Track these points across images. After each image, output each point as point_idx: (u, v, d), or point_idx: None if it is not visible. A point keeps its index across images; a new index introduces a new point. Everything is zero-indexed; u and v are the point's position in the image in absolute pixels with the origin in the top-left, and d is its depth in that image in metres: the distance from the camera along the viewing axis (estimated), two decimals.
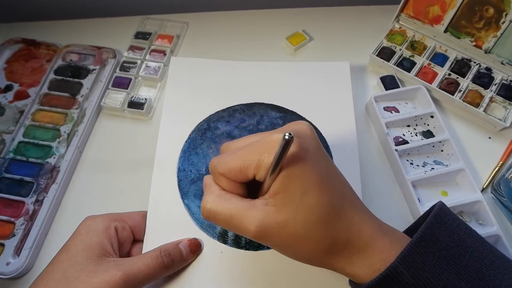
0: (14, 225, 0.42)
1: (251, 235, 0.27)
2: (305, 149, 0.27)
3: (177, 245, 0.36)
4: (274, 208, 0.26)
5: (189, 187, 0.40)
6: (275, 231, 0.26)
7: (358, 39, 0.54)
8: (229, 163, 0.28)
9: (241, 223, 0.27)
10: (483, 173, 0.44)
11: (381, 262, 0.27)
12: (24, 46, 0.55)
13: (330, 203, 0.27)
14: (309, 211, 0.26)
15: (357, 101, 0.48)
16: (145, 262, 0.33)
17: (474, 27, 0.48)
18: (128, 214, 0.37)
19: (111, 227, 0.34)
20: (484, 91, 0.47)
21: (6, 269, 0.39)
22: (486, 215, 0.39)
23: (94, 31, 0.58)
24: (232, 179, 0.28)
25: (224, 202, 0.28)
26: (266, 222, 0.26)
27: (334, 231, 0.27)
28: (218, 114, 0.45)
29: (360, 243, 0.27)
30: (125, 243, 0.36)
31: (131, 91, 0.51)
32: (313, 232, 0.26)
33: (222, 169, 0.28)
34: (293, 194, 0.26)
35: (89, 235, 0.33)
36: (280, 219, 0.26)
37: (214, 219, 0.28)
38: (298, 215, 0.26)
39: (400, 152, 0.43)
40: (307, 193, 0.26)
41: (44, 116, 0.49)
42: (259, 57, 0.53)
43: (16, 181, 0.45)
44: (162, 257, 0.34)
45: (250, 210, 0.27)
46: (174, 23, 0.58)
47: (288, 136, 0.23)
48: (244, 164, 0.27)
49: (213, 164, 0.29)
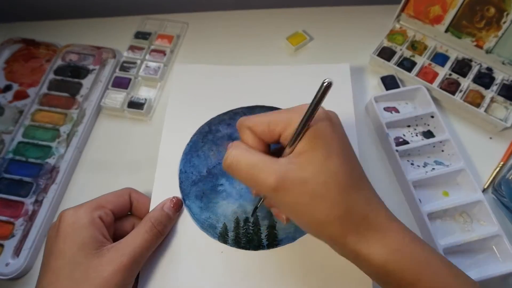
0: (14, 225, 0.42)
1: (270, 187, 0.27)
2: (335, 124, 0.29)
3: (163, 209, 0.37)
4: (297, 165, 0.27)
5: (190, 188, 0.40)
6: (294, 187, 0.27)
7: (359, 39, 0.54)
8: (259, 117, 0.30)
9: (261, 173, 0.27)
10: (484, 173, 0.44)
11: (401, 242, 0.27)
12: (24, 46, 0.55)
13: (350, 173, 0.28)
14: (330, 174, 0.27)
15: (357, 101, 0.48)
16: (143, 238, 0.34)
17: (475, 27, 0.47)
18: (105, 198, 0.36)
19: (95, 218, 0.34)
20: (485, 91, 0.47)
21: (5, 270, 0.39)
22: (487, 215, 0.39)
23: (94, 31, 0.58)
24: (259, 133, 0.29)
25: (248, 153, 0.29)
26: (287, 175, 0.27)
27: (352, 200, 0.27)
28: (220, 117, 0.45)
29: (378, 221, 0.27)
30: (110, 228, 0.36)
31: (131, 91, 0.51)
32: (331, 194, 0.27)
33: (251, 122, 0.29)
34: (317, 156, 0.27)
35: (79, 233, 0.32)
36: (302, 175, 0.27)
37: (235, 167, 0.29)
38: (320, 175, 0.27)
39: (400, 152, 0.43)
40: (331, 157, 0.27)
41: (44, 116, 0.49)
42: (259, 57, 0.53)
43: (15, 181, 0.44)
44: (156, 227, 0.35)
45: (274, 163, 0.27)
46: (174, 23, 0.58)
47: (328, 81, 0.24)
48: (274, 120, 0.29)
49: (241, 120, 0.30)
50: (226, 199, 0.40)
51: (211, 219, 0.39)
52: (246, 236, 0.38)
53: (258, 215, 0.39)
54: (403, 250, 0.27)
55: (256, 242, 0.37)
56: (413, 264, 0.26)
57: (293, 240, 0.37)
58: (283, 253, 0.37)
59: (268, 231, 0.38)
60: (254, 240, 0.38)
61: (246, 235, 0.38)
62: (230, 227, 0.38)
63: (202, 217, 0.39)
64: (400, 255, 0.26)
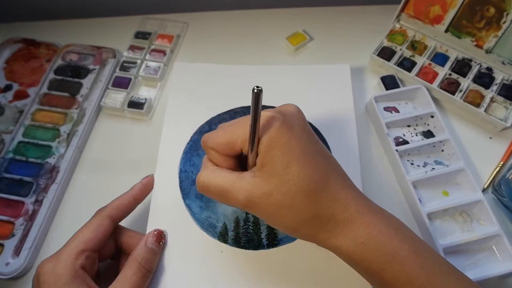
0: (14, 225, 0.42)
1: (241, 204, 0.29)
2: (289, 125, 0.29)
3: (146, 245, 0.35)
4: (260, 179, 0.28)
5: (190, 187, 0.40)
6: (261, 201, 0.28)
7: (359, 39, 0.54)
8: (218, 138, 0.30)
9: (231, 194, 0.29)
10: (484, 173, 0.44)
11: (366, 236, 0.28)
12: (24, 45, 0.55)
13: (312, 177, 0.28)
14: (292, 183, 0.28)
15: (357, 101, 0.48)
16: (133, 282, 0.32)
17: (475, 27, 0.47)
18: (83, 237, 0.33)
19: (77, 270, 0.31)
20: (485, 91, 0.47)
21: (5, 269, 0.39)
22: (487, 215, 0.39)
23: (94, 31, 0.58)
24: (221, 152, 0.30)
25: (215, 176, 0.30)
26: (253, 192, 0.28)
27: (317, 204, 0.28)
28: (220, 117, 0.45)
29: (344, 216, 0.28)
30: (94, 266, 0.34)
31: (131, 91, 0.51)
32: (296, 202, 0.28)
33: (212, 143, 0.30)
34: (276, 166, 0.28)
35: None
36: (265, 189, 0.28)
37: (207, 191, 0.31)
38: (282, 185, 0.28)
39: (400, 152, 0.43)
40: (290, 165, 0.28)
41: (44, 116, 0.49)
42: (259, 57, 0.53)
43: (15, 181, 0.44)
44: (144, 266, 0.33)
45: (239, 182, 0.29)
46: (174, 23, 0.58)
47: (256, 88, 0.24)
48: (232, 138, 0.29)
49: (204, 140, 0.32)
50: None
51: (211, 218, 0.39)
52: (246, 236, 0.38)
53: None
54: (369, 243, 0.27)
55: (256, 241, 0.37)
56: (378, 256, 0.27)
57: (293, 240, 0.37)
58: (283, 253, 0.37)
59: (268, 230, 0.38)
60: (254, 239, 0.38)
61: (246, 234, 0.38)
62: (230, 227, 0.38)
63: (202, 216, 0.39)
64: (366, 248, 0.28)
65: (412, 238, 0.29)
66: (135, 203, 0.38)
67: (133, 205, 0.37)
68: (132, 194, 0.38)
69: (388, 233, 0.28)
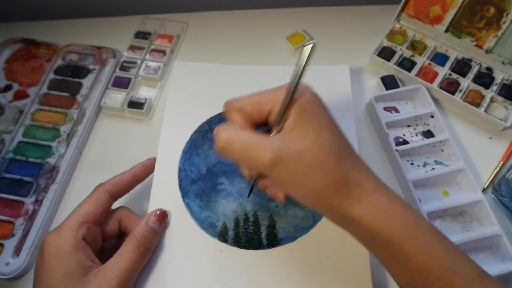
0: (14, 225, 0.42)
1: (267, 162, 0.27)
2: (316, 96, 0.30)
3: (147, 224, 0.35)
4: (291, 139, 0.28)
5: (190, 187, 0.40)
6: (292, 159, 0.27)
7: (359, 39, 0.54)
8: (247, 98, 0.30)
9: (256, 150, 0.27)
10: (483, 173, 0.44)
11: (390, 205, 0.28)
12: (24, 45, 0.55)
13: (342, 142, 0.29)
14: (324, 144, 0.28)
15: (357, 102, 0.48)
16: (130, 258, 0.33)
17: (475, 27, 0.47)
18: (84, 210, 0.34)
19: (79, 241, 0.32)
20: (484, 91, 0.47)
21: (5, 269, 0.39)
22: (487, 215, 0.39)
23: (94, 31, 0.58)
24: (248, 113, 0.30)
25: (241, 132, 0.29)
26: (283, 149, 0.27)
27: (345, 168, 0.28)
28: (220, 116, 0.45)
29: (369, 186, 0.28)
30: (96, 240, 0.35)
31: (131, 91, 0.51)
32: (327, 163, 0.28)
33: (239, 103, 0.30)
34: (308, 128, 0.28)
35: (63, 262, 0.31)
36: (296, 147, 0.28)
37: (229, 148, 0.29)
38: (314, 145, 0.28)
39: (400, 152, 0.43)
40: (322, 128, 0.28)
41: (44, 116, 0.49)
42: (259, 57, 0.53)
43: (15, 181, 0.44)
44: (143, 244, 0.34)
45: (267, 140, 0.28)
46: (174, 23, 0.58)
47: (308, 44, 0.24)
48: (262, 99, 0.30)
49: (229, 101, 0.31)
50: (226, 198, 0.40)
51: (211, 218, 0.39)
52: (246, 236, 0.38)
53: (258, 215, 0.39)
54: (393, 212, 0.28)
55: (256, 241, 0.38)
56: (401, 225, 0.27)
57: (293, 240, 0.38)
58: (283, 253, 0.37)
59: (268, 230, 0.38)
60: (254, 239, 0.38)
61: (246, 234, 0.38)
62: (230, 226, 0.38)
63: (202, 216, 0.39)
64: (390, 216, 0.28)
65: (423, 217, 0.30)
66: (134, 181, 0.38)
67: (132, 183, 0.38)
68: (132, 172, 0.38)
69: (408, 206, 0.29)
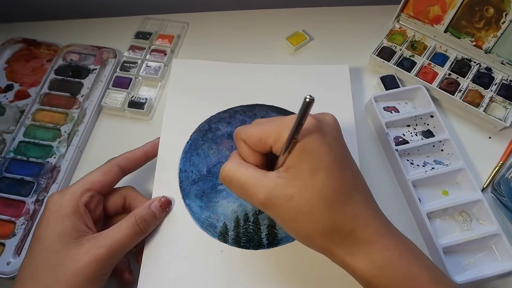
0: (15, 224, 0.42)
1: (259, 202, 0.28)
2: (323, 133, 0.28)
3: (150, 207, 0.36)
4: (284, 180, 0.28)
5: (190, 187, 0.40)
6: (281, 202, 0.28)
7: (359, 39, 0.55)
8: (251, 131, 0.30)
9: (251, 190, 0.29)
10: (483, 172, 0.44)
11: (385, 260, 0.27)
12: (25, 46, 0.55)
13: (337, 189, 0.28)
14: (316, 190, 0.27)
15: (357, 101, 0.48)
16: (124, 233, 0.34)
17: (474, 27, 0.48)
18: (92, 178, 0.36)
19: (79, 206, 0.34)
20: (484, 91, 0.47)
21: (6, 269, 0.39)
22: (487, 215, 0.39)
23: (95, 31, 0.58)
24: (252, 146, 0.30)
25: (240, 169, 0.30)
26: (274, 192, 0.28)
27: (338, 216, 0.27)
28: (219, 115, 0.45)
29: (364, 236, 0.27)
30: (98, 209, 0.36)
31: (132, 91, 0.51)
32: (317, 211, 0.27)
33: (244, 135, 0.31)
34: (303, 171, 0.27)
35: (60, 222, 0.33)
36: (287, 191, 0.27)
37: (229, 182, 0.31)
38: (305, 191, 0.27)
39: (400, 152, 0.43)
40: (317, 172, 0.27)
41: (45, 116, 0.49)
42: (259, 57, 0.53)
43: (16, 180, 0.45)
44: (139, 224, 0.35)
45: (263, 179, 0.29)
46: (175, 23, 0.58)
47: (309, 97, 0.24)
48: (265, 134, 0.29)
49: (237, 131, 0.32)
50: (226, 198, 0.40)
51: (211, 218, 0.39)
52: (246, 236, 0.38)
53: (258, 215, 0.39)
54: (388, 267, 0.27)
55: (256, 241, 0.38)
56: (397, 281, 0.27)
57: (293, 239, 0.38)
58: (284, 253, 0.37)
59: (268, 230, 0.38)
60: (254, 239, 0.38)
61: (246, 234, 0.38)
62: (230, 226, 0.38)
63: (202, 216, 0.39)
64: (384, 272, 0.27)
65: (430, 266, 0.28)
66: (145, 158, 0.40)
67: (143, 160, 0.40)
68: (143, 149, 0.40)
69: (407, 259, 0.27)
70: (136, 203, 0.38)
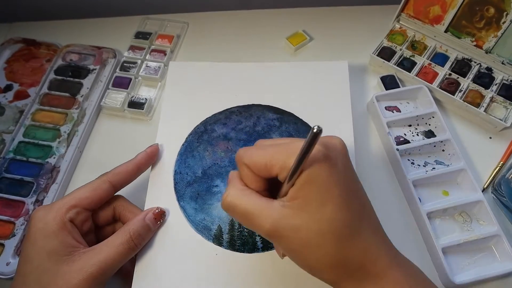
0: (14, 225, 0.42)
1: (265, 233, 0.27)
2: (331, 162, 0.27)
3: (144, 220, 0.35)
4: (291, 211, 0.26)
5: (185, 189, 0.40)
6: (288, 234, 0.26)
7: (359, 39, 0.54)
8: (255, 156, 0.28)
9: (257, 220, 0.27)
10: (483, 173, 0.44)
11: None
12: (24, 46, 0.55)
13: (346, 221, 0.26)
14: (324, 223, 0.26)
15: (358, 101, 0.48)
16: (118, 250, 0.33)
17: (475, 27, 0.47)
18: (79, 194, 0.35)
19: (65, 222, 0.33)
20: (484, 91, 0.47)
21: (6, 269, 0.39)
22: (487, 215, 0.39)
23: (94, 31, 0.58)
24: (256, 172, 0.28)
25: (244, 197, 0.28)
26: (281, 223, 0.26)
27: (347, 250, 0.26)
28: (215, 117, 0.44)
29: (374, 270, 0.27)
30: (85, 224, 0.35)
31: (131, 91, 0.51)
32: (324, 244, 0.26)
33: (248, 160, 0.29)
34: (311, 202, 0.26)
35: (48, 240, 0.32)
36: (294, 223, 0.26)
37: (232, 212, 0.29)
38: (313, 223, 0.26)
39: (401, 151, 0.43)
40: (325, 205, 0.26)
41: (44, 116, 0.49)
42: (259, 57, 0.53)
43: (16, 181, 0.45)
44: (133, 240, 0.34)
45: (267, 209, 0.27)
46: (174, 23, 0.58)
47: (316, 128, 0.23)
48: (271, 162, 0.27)
49: (239, 154, 0.29)
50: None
51: (205, 221, 0.38)
52: (241, 239, 0.38)
53: None
54: None
55: (251, 244, 0.37)
56: None
57: None
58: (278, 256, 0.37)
59: None
60: (249, 242, 0.37)
61: (241, 237, 0.38)
62: (225, 229, 0.38)
63: (197, 218, 0.39)
64: None
65: None
66: (138, 171, 0.38)
67: (136, 173, 0.38)
68: (135, 162, 0.38)
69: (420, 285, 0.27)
70: (127, 213, 0.37)
